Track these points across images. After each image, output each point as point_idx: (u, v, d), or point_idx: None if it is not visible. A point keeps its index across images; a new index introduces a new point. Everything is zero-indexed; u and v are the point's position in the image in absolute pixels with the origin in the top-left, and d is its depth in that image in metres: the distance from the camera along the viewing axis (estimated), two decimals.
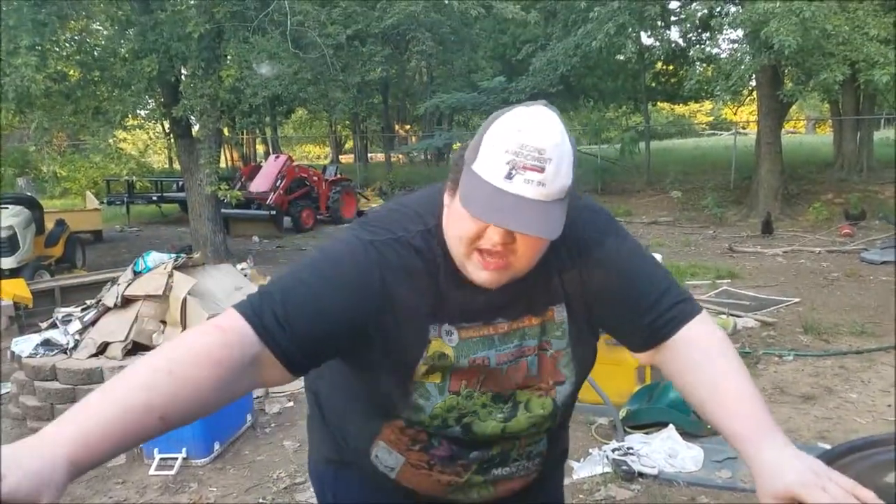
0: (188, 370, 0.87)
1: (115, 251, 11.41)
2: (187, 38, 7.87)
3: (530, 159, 0.95)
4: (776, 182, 12.40)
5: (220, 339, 0.93)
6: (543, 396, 1.17)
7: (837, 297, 6.48)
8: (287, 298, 1.00)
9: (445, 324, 1.09)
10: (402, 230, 1.08)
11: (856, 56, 9.45)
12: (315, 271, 1.05)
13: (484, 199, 0.95)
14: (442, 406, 1.11)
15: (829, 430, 3.51)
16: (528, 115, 0.99)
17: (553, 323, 1.15)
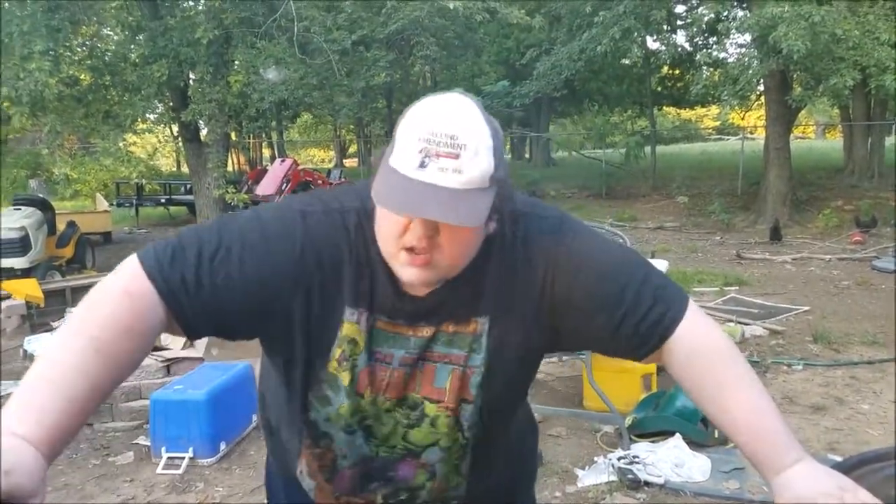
0: (112, 347, 0.89)
1: (125, 253, 11.18)
2: (196, 44, 7.94)
3: (443, 146, 0.90)
4: (785, 188, 12.34)
5: (132, 308, 0.93)
6: (450, 416, 1.09)
7: (848, 305, 6.44)
8: (201, 262, 0.96)
9: (366, 312, 1.04)
10: (337, 203, 1.05)
11: (866, 61, 9.41)
12: (240, 231, 1.01)
13: (398, 190, 0.90)
14: (346, 408, 1.07)
15: (840, 441, 3.48)
16: (439, 101, 0.94)
17: (472, 335, 1.07)
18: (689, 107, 26.03)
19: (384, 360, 1.07)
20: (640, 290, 1.05)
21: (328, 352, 1.04)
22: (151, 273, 0.95)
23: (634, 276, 1.06)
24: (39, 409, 0.82)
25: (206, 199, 9.32)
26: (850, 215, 11.71)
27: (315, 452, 1.15)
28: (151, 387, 3.86)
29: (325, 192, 1.11)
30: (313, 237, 1.01)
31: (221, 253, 0.98)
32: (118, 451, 3.62)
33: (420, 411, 1.10)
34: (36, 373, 0.86)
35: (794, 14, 9.31)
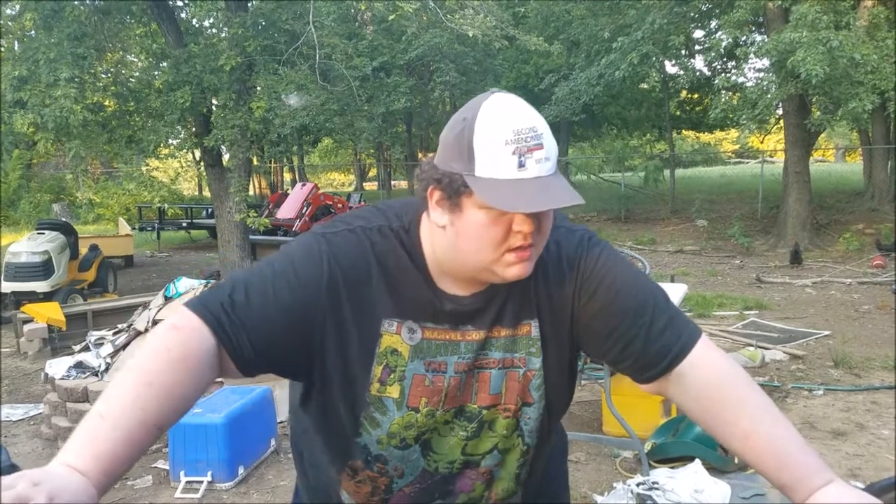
0: (163, 378, 0.91)
1: (146, 276, 11.63)
2: (219, 71, 8.10)
3: (531, 140, 0.95)
4: (805, 211, 12.24)
5: (179, 339, 0.95)
6: (509, 417, 1.11)
7: (869, 330, 6.35)
8: (236, 290, 1.00)
9: (409, 321, 1.06)
10: (361, 221, 1.08)
11: (885, 85, 9.38)
12: (268, 265, 1.05)
13: (511, 195, 0.94)
14: (399, 422, 1.07)
15: (861, 467, 3.42)
16: (499, 102, 0.99)
17: (528, 338, 1.10)
18: (707, 130, 25.97)
19: (438, 370, 1.07)
20: (655, 313, 1.08)
21: (368, 373, 1.05)
22: (196, 307, 0.99)
23: (652, 300, 1.09)
24: (92, 440, 0.86)
25: (227, 223, 9.44)
26: (871, 239, 11.57)
27: (365, 477, 1.13)
28: None
29: (347, 214, 1.14)
30: (338, 256, 1.03)
31: (255, 283, 1.02)
32: (137, 474, 3.65)
33: (478, 422, 1.11)
34: (93, 410, 0.91)
35: (812, 39, 9.32)
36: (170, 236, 16.70)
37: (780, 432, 1.02)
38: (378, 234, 1.06)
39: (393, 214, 1.10)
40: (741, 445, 1.04)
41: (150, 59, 9.68)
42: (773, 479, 1.02)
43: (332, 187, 34.55)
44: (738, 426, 1.03)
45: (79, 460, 0.84)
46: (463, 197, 0.98)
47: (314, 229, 1.10)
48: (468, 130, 0.97)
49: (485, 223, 0.97)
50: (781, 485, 1.01)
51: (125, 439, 0.87)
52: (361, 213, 1.12)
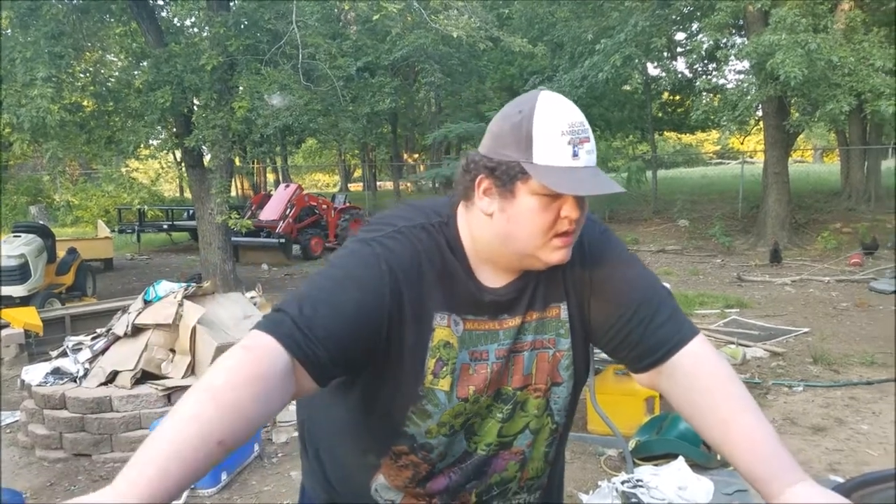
0: (228, 394, 0.89)
1: (126, 279, 11.49)
2: (200, 71, 8.02)
3: (581, 133, 1.04)
4: (784, 211, 12.40)
5: (248, 358, 0.94)
6: (539, 397, 1.18)
7: (847, 326, 6.43)
8: (303, 305, 1.02)
9: (453, 314, 1.11)
10: (403, 221, 1.12)
11: (861, 87, 9.53)
12: (325, 277, 1.08)
13: (576, 180, 1.02)
14: (450, 413, 1.12)
15: (841, 462, 3.46)
16: (552, 97, 1.07)
17: (557, 320, 1.17)
18: (689, 132, 26.20)
19: (481, 358, 1.13)
20: (659, 305, 1.16)
21: (422, 366, 1.10)
22: (267, 327, 0.99)
23: (657, 294, 1.18)
24: (145, 461, 0.83)
25: (208, 225, 9.34)
26: (848, 237, 11.74)
27: (408, 462, 1.17)
28: (152, 416, 3.85)
29: (386, 215, 1.17)
30: (393, 258, 1.07)
31: (321, 296, 1.04)
32: None
33: (513, 403, 1.17)
34: (155, 429, 0.89)
35: (790, 42, 9.45)
36: (150, 239, 16.51)
37: (759, 429, 1.05)
38: (422, 231, 1.11)
39: (431, 211, 1.15)
40: (720, 437, 1.07)
41: (130, 58, 9.55)
42: (747, 472, 1.04)
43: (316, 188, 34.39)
44: (719, 419, 1.07)
45: (125, 482, 0.81)
46: (518, 183, 1.05)
47: (360, 236, 1.12)
48: (527, 121, 1.04)
49: (537, 208, 1.05)
50: (754, 478, 1.03)
51: (178, 453, 0.83)
52: (400, 213, 1.16)
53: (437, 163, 22.37)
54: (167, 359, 4.19)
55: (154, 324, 4.21)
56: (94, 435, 3.91)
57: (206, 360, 4.06)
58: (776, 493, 0.99)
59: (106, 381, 4.07)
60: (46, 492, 3.55)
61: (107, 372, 4.09)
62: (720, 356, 1.15)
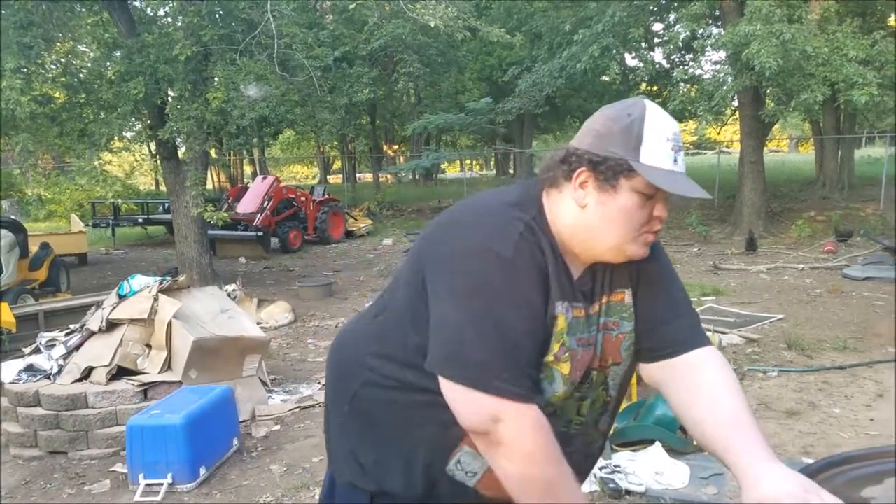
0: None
1: (101, 274, 11.33)
2: (174, 61, 7.89)
3: (680, 142, 1.17)
4: (759, 200, 12.55)
5: (548, 432, 1.12)
6: (600, 373, 1.27)
7: (820, 313, 6.55)
8: (519, 356, 1.10)
9: (566, 302, 1.18)
10: (517, 225, 1.16)
11: (835, 77, 9.64)
12: (512, 315, 1.11)
13: (680, 183, 1.13)
14: (560, 395, 1.19)
15: (813, 444, 3.53)
16: (657, 107, 1.17)
17: (623, 305, 1.26)
18: None
19: (587, 343, 1.22)
20: (688, 309, 1.30)
21: (547, 347, 1.16)
22: (522, 395, 1.10)
23: (688, 300, 1.32)
24: None
25: (184, 218, 9.22)
26: (822, 225, 11.94)
27: None
28: (128, 412, 3.80)
29: (489, 221, 1.17)
30: (528, 260, 1.13)
31: (525, 341, 1.12)
32: (94, 479, 3.55)
33: (590, 381, 1.25)
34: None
35: (766, 32, 9.54)
36: (125, 233, 16.28)
37: (742, 407, 1.14)
38: (530, 231, 1.16)
39: (528, 202, 1.20)
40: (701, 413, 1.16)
41: (102, 49, 9.34)
42: (721, 437, 1.10)
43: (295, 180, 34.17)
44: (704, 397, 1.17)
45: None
46: (622, 178, 1.13)
47: (495, 250, 1.12)
48: (638, 124, 1.14)
49: (635, 205, 1.14)
50: (726, 446, 1.09)
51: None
52: (505, 213, 1.17)
53: (417, 154, 22.34)
54: (143, 354, 4.15)
55: (129, 319, 4.16)
56: (70, 432, 3.86)
57: (183, 354, 4.02)
58: (747, 465, 1.03)
59: (81, 377, 4.01)
60: (22, 490, 3.50)
61: (81, 368, 4.03)
62: (727, 367, 1.23)
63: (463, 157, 24.73)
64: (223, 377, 4.16)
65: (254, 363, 4.47)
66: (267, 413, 4.37)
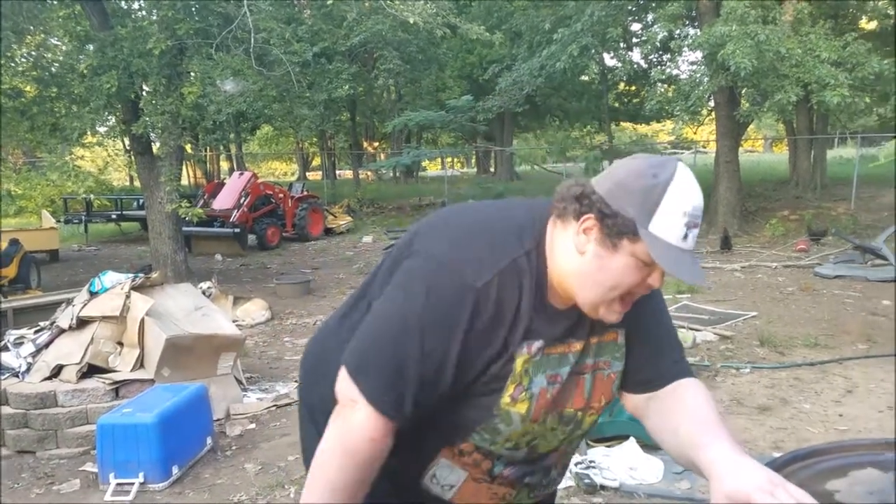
0: (367, 488, 1.13)
1: (73, 271, 11.14)
2: (148, 55, 7.78)
3: (697, 219, 1.09)
4: (734, 199, 12.71)
5: (378, 451, 1.11)
6: (594, 415, 1.27)
7: (792, 310, 6.65)
8: (408, 378, 1.09)
9: (537, 340, 1.14)
10: (504, 256, 1.11)
11: (808, 78, 9.79)
12: (419, 332, 1.09)
13: (677, 261, 1.06)
14: (518, 433, 1.17)
15: (784, 440, 3.58)
16: (688, 176, 1.10)
17: (615, 344, 1.24)
18: (644, 122, 26.68)
19: (555, 381, 1.18)
20: (674, 345, 1.29)
21: (501, 391, 1.13)
22: (388, 413, 1.10)
23: (675, 334, 1.31)
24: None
25: (158, 215, 9.10)
26: (795, 224, 12.12)
27: (471, 461, 1.22)
28: (99, 411, 3.73)
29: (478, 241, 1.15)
30: (489, 301, 1.09)
31: (425, 362, 1.09)
32: (63, 478, 3.49)
33: (575, 424, 1.24)
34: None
35: (741, 33, 9.66)
36: (98, 229, 16.02)
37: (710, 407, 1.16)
38: (516, 269, 1.12)
39: (528, 237, 1.15)
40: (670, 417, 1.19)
41: (74, 42, 9.18)
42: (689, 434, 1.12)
43: (273, 177, 33.86)
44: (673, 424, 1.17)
45: None
46: (625, 240, 1.07)
47: (464, 275, 1.10)
48: (661, 189, 1.07)
49: (630, 269, 1.09)
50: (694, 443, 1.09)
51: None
52: (502, 242, 1.14)
53: (398, 151, 22.27)
54: (115, 352, 4.08)
55: (100, 316, 4.09)
56: (39, 431, 3.79)
57: (156, 352, 3.97)
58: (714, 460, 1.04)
59: (50, 375, 3.94)
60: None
61: (51, 366, 3.96)
62: (710, 399, 1.22)
63: (444, 155, 24.71)
64: (197, 375, 4.11)
65: (229, 361, 4.42)
66: (242, 411, 4.33)
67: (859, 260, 8.66)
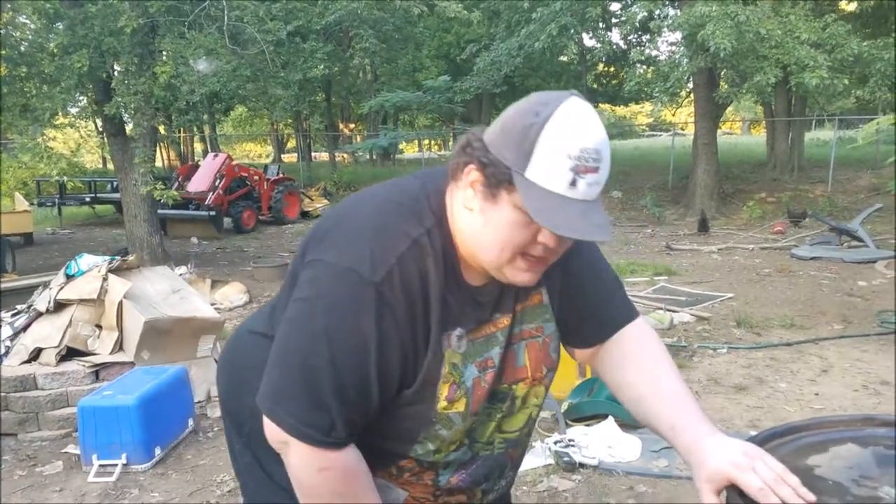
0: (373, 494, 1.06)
1: (48, 254, 10.94)
2: (119, 33, 7.60)
3: (590, 162, 0.92)
4: (712, 181, 12.84)
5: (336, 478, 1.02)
6: (537, 386, 1.17)
7: (769, 292, 6.75)
8: (328, 400, 0.98)
9: (457, 328, 1.04)
10: (402, 240, 0.99)
11: (787, 59, 9.86)
12: (327, 347, 0.97)
13: (556, 212, 0.91)
14: (461, 430, 1.09)
15: (760, 418, 3.66)
16: (577, 111, 0.94)
17: (541, 306, 1.15)
18: (623, 104, 26.79)
19: (488, 367, 1.09)
20: (613, 287, 1.22)
21: (435, 394, 1.04)
22: (323, 441, 1.00)
23: (612, 276, 1.24)
24: None
25: (133, 197, 8.95)
26: (772, 207, 12.29)
27: (409, 477, 1.13)
28: (79, 393, 3.70)
29: (373, 229, 1.02)
30: (393, 300, 0.98)
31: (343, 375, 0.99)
32: (46, 460, 3.47)
33: (510, 398, 1.14)
34: None
35: (721, 13, 9.68)
36: (72, 212, 15.74)
37: (680, 387, 1.12)
38: (418, 250, 1.00)
39: (426, 212, 1.02)
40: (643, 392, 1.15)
41: (43, 20, 8.93)
42: (665, 419, 1.10)
43: (248, 159, 33.45)
44: (645, 377, 1.15)
45: None
46: (503, 190, 0.95)
47: (359, 272, 0.97)
48: (537, 129, 0.92)
49: (515, 223, 0.95)
50: (671, 425, 1.09)
51: None
52: (389, 224, 1.01)
53: (374, 133, 22.10)
54: (93, 335, 4.03)
55: (78, 299, 4.03)
56: (20, 414, 3.76)
57: (135, 335, 3.93)
58: (690, 444, 1.04)
59: (29, 358, 3.90)
60: None
61: (29, 349, 3.91)
62: (656, 339, 1.22)
63: (421, 137, 24.59)
64: (177, 358, 4.08)
65: (208, 344, 4.39)
66: None
67: (835, 242, 8.83)
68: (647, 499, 2.88)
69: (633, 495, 2.91)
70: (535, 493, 2.95)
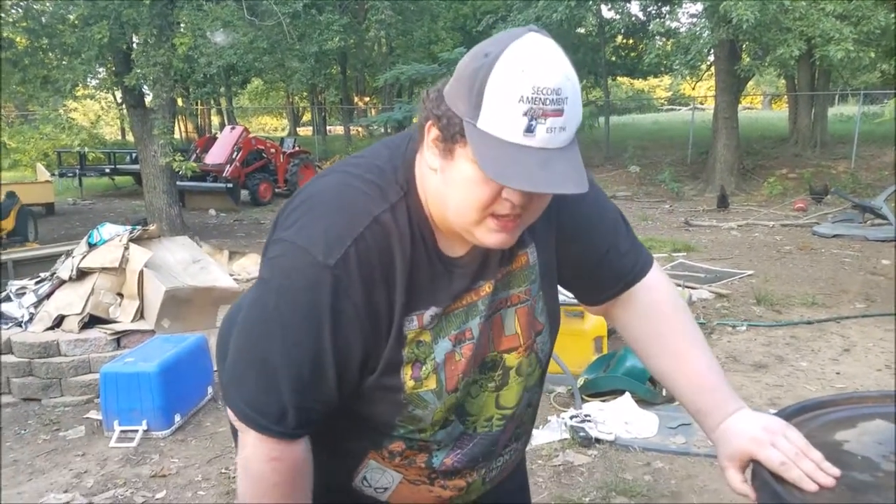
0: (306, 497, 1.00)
1: (69, 224, 11.08)
2: (139, 5, 7.60)
3: (549, 104, 0.81)
4: (732, 157, 12.65)
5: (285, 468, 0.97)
6: (530, 354, 1.09)
7: (790, 269, 6.68)
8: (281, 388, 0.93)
9: (430, 308, 0.97)
10: (358, 223, 0.92)
11: (812, 32, 9.61)
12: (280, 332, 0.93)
13: (509, 163, 0.81)
14: (442, 409, 1.02)
15: (780, 396, 3.64)
16: (530, 47, 0.83)
17: (527, 268, 1.06)
18: (642, 77, 26.33)
19: (465, 338, 1.01)
20: (619, 236, 1.13)
21: (398, 376, 0.97)
22: (275, 431, 0.95)
23: (617, 223, 1.14)
24: None
25: (152, 168, 9.02)
26: (794, 183, 12.10)
27: (403, 461, 1.08)
28: (101, 360, 3.78)
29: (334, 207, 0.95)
30: (349, 284, 0.91)
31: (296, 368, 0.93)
32: (69, 425, 3.56)
33: (502, 368, 1.06)
34: None
35: None
36: (92, 183, 15.87)
37: (705, 362, 1.08)
38: (380, 230, 0.92)
39: (391, 185, 0.95)
40: (666, 369, 1.11)
41: None
42: (690, 402, 1.07)
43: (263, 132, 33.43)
44: (668, 351, 1.10)
45: None
46: (457, 145, 0.86)
47: (313, 254, 0.91)
48: (485, 70, 0.82)
49: (474, 180, 0.85)
50: (696, 409, 1.07)
51: None
52: (352, 199, 0.94)
53: (389, 106, 21.91)
54: (115, 303, 4.09)
55: (100, 267, 4.09)
56: (43, 379, 3.84)
57: (156, 304, 3.99)
58: (716, 426, 1.03)
59: (52, 325, 3.98)
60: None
61: (53, 316, 3.98)
62: (672, 288, 1.17)
63: None
64: (196, 327, 4.13)
65: None
66: None
67: (858, 219, 8.68)
68: (664, 475, 2.89)
69: (650, 471, 2.92)
70: (550, 468, 2.97)
